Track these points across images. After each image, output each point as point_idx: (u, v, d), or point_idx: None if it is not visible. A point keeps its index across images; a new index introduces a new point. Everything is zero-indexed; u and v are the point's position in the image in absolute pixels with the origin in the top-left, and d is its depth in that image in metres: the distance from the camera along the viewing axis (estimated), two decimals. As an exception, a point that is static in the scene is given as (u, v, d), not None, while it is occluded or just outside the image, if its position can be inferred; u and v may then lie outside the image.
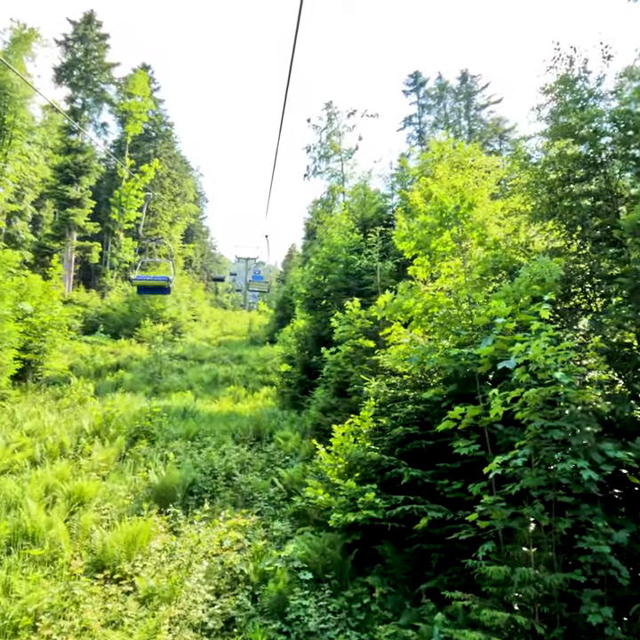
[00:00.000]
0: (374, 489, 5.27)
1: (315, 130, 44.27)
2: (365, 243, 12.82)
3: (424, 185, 12.24)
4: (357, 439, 6.11)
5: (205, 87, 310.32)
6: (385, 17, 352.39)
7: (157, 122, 44.52)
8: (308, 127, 43.81)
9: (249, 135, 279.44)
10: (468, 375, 5.25)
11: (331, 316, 12.61)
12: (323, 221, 41.04)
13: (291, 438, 8.92)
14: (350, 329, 8.24)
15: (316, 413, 8.97)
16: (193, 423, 9.44)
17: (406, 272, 12.11)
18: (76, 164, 31.60)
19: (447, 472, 5.17)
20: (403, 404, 5.71)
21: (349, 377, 8.76)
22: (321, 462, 6.57)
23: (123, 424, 8.33)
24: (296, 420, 10.73)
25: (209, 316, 43.09)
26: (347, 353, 8.30)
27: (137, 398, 14.46)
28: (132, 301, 29.50)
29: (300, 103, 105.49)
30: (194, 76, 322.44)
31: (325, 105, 44.62)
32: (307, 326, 13.63)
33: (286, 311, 29.86)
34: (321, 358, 12.07)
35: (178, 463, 7.18)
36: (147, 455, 7.33)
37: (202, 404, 14.15)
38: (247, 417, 12.22)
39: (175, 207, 48.36)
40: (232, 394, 16.48)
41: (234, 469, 7.36)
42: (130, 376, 17.50)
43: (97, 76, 34.04)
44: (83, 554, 4.65)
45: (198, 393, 16.62)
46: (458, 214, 5.68)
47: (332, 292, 12.43)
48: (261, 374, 19.46)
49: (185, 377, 18.74)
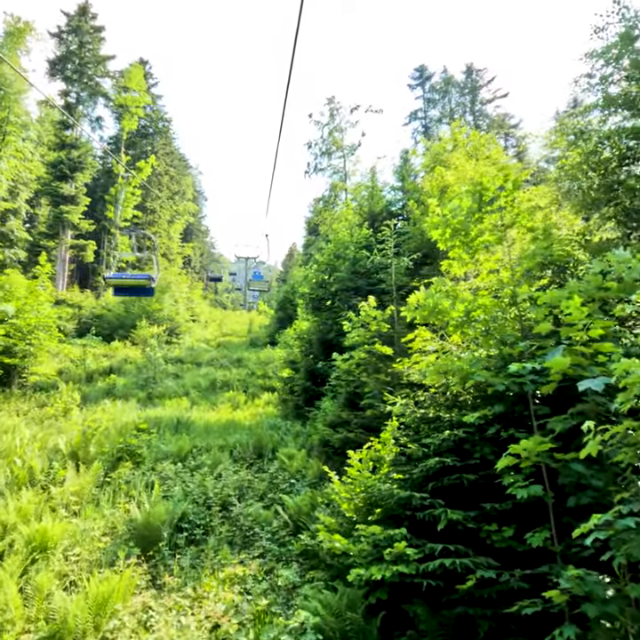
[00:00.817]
0: (403, 535, 4.27)
1: (316, 125, 43.15)
2: (375, 238, 11.82)
3: (439, 175, 11.24)
4: (378, 467, 5.10)
5: (205, 85, 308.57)
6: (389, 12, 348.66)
7: (155, 118, 43.47)
8: (310, 123, 42.75)
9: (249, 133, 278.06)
10: (517, 393, 4.25)
11: (338, 317, 11.61)
12: (325, 219, 40.06)
13: (295, 456, 7.91)
14: (364, 333, 7.23)
15: (324, 428, 7.96)
16: (186, 438, 8.44)
17: (420, 270, 11.14)
18: (71, 160, 30.58)
19: (495, 514, 4.17)
20: (436, 428, 4.70)
21: (361, 387, 7.76)
22: (333, 492, 5.57)
23: (106, 442, 7.32)
24: (301, 432, 9.72)
25: (208, 317, 42.10)
26: (360, 360, 7.29)
27: (129, 406, 13.47)
28: (128, 301, 28.50)
29: (302, 99, 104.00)
30: (194, 74, 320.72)
31: (327, 100, 43.49)
32: (311, 328, 12.62)
33: (287, 311, 28.86)
34: (327, 364, 11.07)
35: (166, 491, 6.18)
36: (130, 481, 6.32)
37: (198, 413, 13.14)
38: (247, 427, 11.21)
39: (174, 205, 47.36)
40: (231, 400, 15.48)
41: (231, 497, 6.35)
42: (123, 381, 16.50)
43: (92, 69, 33.01)
44: (39, 624, 3.65)
45: (195, 399, 15.62)
46: (502, 196, 4.67)
47: (338, 291, 11.42)
48: (262, 378, 18.45)
49: (181, 382, 17.73)
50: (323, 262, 11.55)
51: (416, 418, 4.87)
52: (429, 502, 4.33)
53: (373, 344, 7.16)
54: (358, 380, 7.57)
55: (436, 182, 10.71)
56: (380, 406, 7.08)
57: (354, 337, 7.28)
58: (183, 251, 50.93)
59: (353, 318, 7.60)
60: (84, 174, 31.19)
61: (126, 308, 27.66)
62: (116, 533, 5.12)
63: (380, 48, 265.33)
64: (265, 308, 47.48)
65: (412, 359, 6.06)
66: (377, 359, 7.37)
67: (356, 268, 11.49)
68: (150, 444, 7.80)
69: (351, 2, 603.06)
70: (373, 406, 7.18)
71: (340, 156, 43.71)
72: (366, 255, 11.21)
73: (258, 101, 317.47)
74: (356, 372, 7.43)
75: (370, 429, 7.50)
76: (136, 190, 36.19)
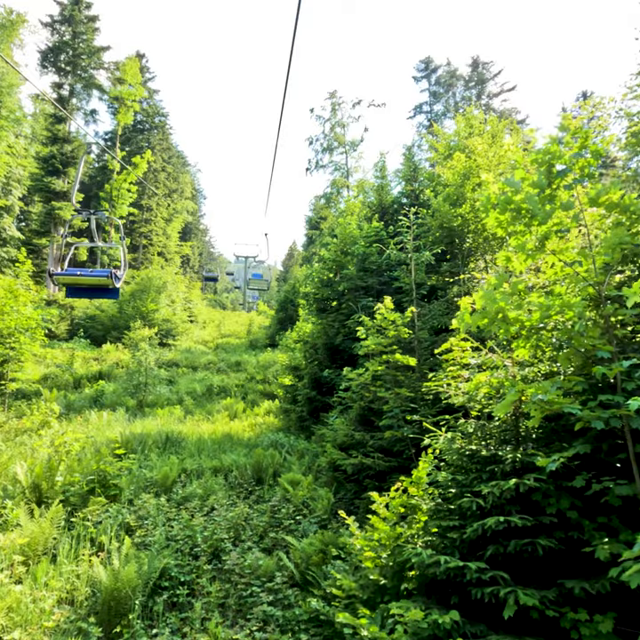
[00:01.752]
0: (454, 621, 3.13)
1: (318, 120, 42.02)
2: (387, 232, 10.68)
3: (457, 160, 10.09)
4: (411, 517, 3.95)
5: (205, 83, 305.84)
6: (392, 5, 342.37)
7: (151, 112, 42.30)
8: (311, 117, 41.61)
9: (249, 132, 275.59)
10: (605, 429, 3.11)
11: (346, 320, 10.46)
12: (327, 216, 38.90)
13: (301, 483, 6.75)
14: (381, 340, 6.08)
15: (334, 450, 6.82)
16: (174, 461, 7.29)
17: (439, 267, 9.97)
18: (63, 155, 29.43)
19: (583, 596, 3.03)
20: (492, 472, 3.55)
21: (376, 401, 6.62)
22: (351, 542, 4.43)
23: (78, 468, 6.18)
24: (306, 451, 8.57)
25: (206, 317, 40.97)
26: (377, 373, 6.14)
27: (116, 416, 12.33)
28: (122, 301, 27.34)
29: (303, 95, 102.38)
30: (192, 71, 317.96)
31: (329, 94, 42.37)
32: (315, 332, 11.47)
33: (288, 312, 27.75)
34: (335, 372, 9.94)
35: (144, 536, 5.03)
36: (102, 522, 5.18)
37: (191, 425, 11.99)
38: (245, 442, 10.06)
39: (172, 204, 46.23)
40: (228, 408, 14.33)
41: (225, 541, 5.20)
42: (112, 387, 15.35)
43: (85, 60, 31.85)
44: None
45: (189, 407, 14.48)
46: (579, 166, 3.53)
47: (346, 290, 10.27)
48: (262, 384, 17.31)
49: (175, 387, 16.59)
50: (329, 259, 10.39)
51: (464, 455, 3.72)
52: (490, 577, 3.19)
53: (392, 353, 6.01)
54: (374, 394, 6.43)
55: (456, 169, 9.56)
56: (404, 428, 5.95)
57: (370, 345, 6.12)
58: (181, 250, 49.79)
59: (367, 322, 6.44)
60: (76, 169, 30.01)
61: (120, 309, 26.50)
62: (76, 601, 3.98)
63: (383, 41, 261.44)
64: (265, 309, 46.34)
65: (446, 373, 4.92)
66: (397, 371, 6.23)
67: (365, 264, 10.34)
68: (131, 470, 6.63)
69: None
70: (394, 427, 6.04)
71: (342, 152, 42.54)
72: (378, 250, 10.06)
73: (258, 98, 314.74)
74: (371, 387, 6.28)
75: (390, 454, 6.37)
76: (132, 187, 35.05)
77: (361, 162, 41.91)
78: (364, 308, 9.81)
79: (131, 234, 38.50)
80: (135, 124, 40.66)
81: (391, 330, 6.07)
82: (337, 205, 37.55)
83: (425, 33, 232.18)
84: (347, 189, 39.76)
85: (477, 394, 3.90)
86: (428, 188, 11.30)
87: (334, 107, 42.53)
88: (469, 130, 13.62)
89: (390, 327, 6.05)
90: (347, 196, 31.97)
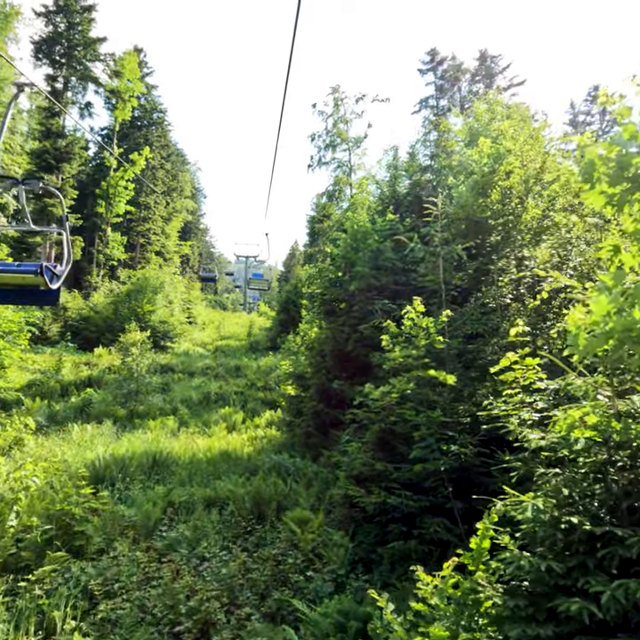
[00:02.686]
0: None
1: (320, 116, 40.79)
2: (403, 226, 9.55)
3: (483, 145, 8.95)
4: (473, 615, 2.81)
5: (205, 82, 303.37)
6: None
7: (149, 108, 41.19)
8: (314, 113, 40.38)
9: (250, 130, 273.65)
10: None
11: (358, 324, 9.34)
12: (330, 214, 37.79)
13: (310, 523, 5.62)
14: (412, 351, 4.94)
15: (348, 483, 5.68)
16: (160, 493, 6.16)
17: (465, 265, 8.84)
18: (57, 150, 28.30)
19: None
20: (603, 560, 2.41)
21: (400, 423, 5.48)
22: (383, 629, 3.30)
23: (39, 507, 5.05)
24: (314, 477, 7.42)
25: (206, 318, 39.90)
26: (406, 392, 4.99)
27: (102, 430, 11.20)
28: (118, 302, 26.23)
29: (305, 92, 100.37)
30: (193, 70, 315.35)
31: (332, 89, 41.13)
32: (322, 337, 10.33)
33: (290, 313, 26.62)
34: (346, 383, 8.80)
35: (110, 609, 3.88)
36: (57, 589, 4.04)
37: (184, 439, 10.86)
38: (244, 462, 8.93)
39: (171, 202, 45.12)
40: (226, 419, 13.20)
41: (216, 612, 4.06)
42: (102, 395, 14.21)
43: (81, 52, 30.74)
44: None
45: (184, 417, 13.34)
46: None
47: (358, 291, 9.12)
48: (262, 391, 16.18)
49: (170, 395, 15.44)
50: (338, 255, 9.25)
51: (557, 528, 2.57)
52: None
53: (426, 368, 4.87)
54: (401, 418, 5.28)
55: (488, 151, 8.42)
56: (440, 461, 4.80)
57: (398, 357, 4.98)
58: (180, 249, 48.68)
59: (393, 329, 5.29)
60: (70, 165, 28.91)
61: (115, 310, 25.37)
62: None
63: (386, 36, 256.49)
64: (266, 310, 45.23)
65: (505, 399, 3.78)
66: (430, 390, 5.08)
67: (379, 262, 9.19)
68: (104, 509, 5.46)
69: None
70: (428, 459, 4.89)
71: (345, 148, 41.33)
72: (393, 245, 8.93)
73: (259, 96, 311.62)
74: (397, 409, 5.14)
75: (419, 490, 5.20)
76: (129, 184, 33.95)
77: (365, 159, 40.76)
78: (380, 312, 8.67)
79: (128, 233, 37.35)
80: (133, 121, 39.52)
81: (422, 338, 4.92)
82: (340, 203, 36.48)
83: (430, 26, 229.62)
84: (350, 187, 38.68)
85: (569, 436, 2.76)
86: (446, 177, 10.16)
87: (337, 102, 41.34)
88: (491, 115, 12.50)
89: (421, 335, 4.91)
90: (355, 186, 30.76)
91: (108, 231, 33.15)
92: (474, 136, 11.30)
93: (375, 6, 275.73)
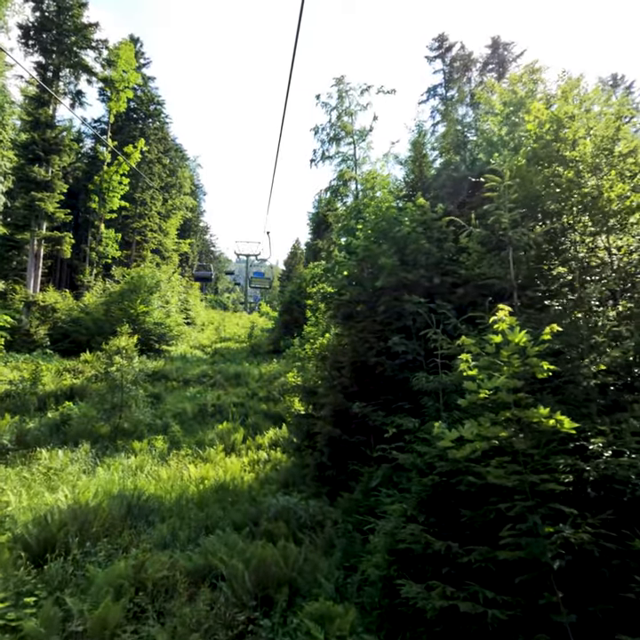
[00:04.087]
0: None
1: (324, 108, 38.97)
2: (435, 212, 7.86)
3: (537, 112, 7.26)
4: None
5: (207, 78, 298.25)
6: None
7: (146, 100, 39.48)
8: (317, 105, 38.65)
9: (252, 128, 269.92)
10: None
11: (381, 330, 7.66)
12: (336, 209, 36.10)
13: (338, 621, 3.93)
14: (506, 381, 3.23)
15: (389, 560, 4.00)
16: (125, 570, 4.48)
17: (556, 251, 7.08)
18: (45, 141, 26.61)
19: None
20: None
21: (463, 476, 3.80)
22: None
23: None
24: (335, 531, 5.70)
25: (205, 319, 38.24)
26: (492, 440, 3.28)
27: (78, 454, 9.54)
28: (110, 302, 24.56)
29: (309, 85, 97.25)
30: (195, 67, 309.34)
31: (336, 81, 39.33)
32: (337, 345, 8.64)
33: (294, 314, 24.93)
34: (370, 407, 7.09)
35: None
36: None
37: (173, 468, 9.19)
38: (245, 501, 7.23)
39: (170, 199, 43.43)
40: (224, 437, 11.52)
41: None
42: (83, 409, 12.52)
43: (72, 39, 29.03)
44: None
45: (176, 436, 11.65)
46: None
47: (383, 290, 7.41)
48: (265, 402, 14.49)
49: (161, 407, 13.76)
50: (358, 247, 7.54)
51: None
52: None
53: (525, 407, 3.16)
54: (472, 473, 3.58)
55: (546, 116, 6.71)
56: (546, 547, 3.10)
57: (485, 389, 3.27)
58: (180, 247, 47.01)
59: (470, 347, 3.57)
60: (60, 157, 27.22)
61: (106, 311, 23.69)
62: None
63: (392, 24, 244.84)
64: (267, 310, 43.56)
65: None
66: (532, 438, 3.38)
67: (407, 255, 7.49)
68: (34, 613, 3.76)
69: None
70: (530, 545, 3.19)
71: (350, 142, 39.57)
72: (427, 234, 7.24)
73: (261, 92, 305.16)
74: (474, 467, 3.43)
75: (507, 588, 3.50)
76: (124, 179, 32.25)
77: (370, 152, 39.02)
78: (400, 315, 6.98)
79: (123, 230, 35.65)
80: (128, 112, 37.84)
81: (515, 360, 3.22)
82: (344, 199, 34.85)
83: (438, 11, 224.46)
84: (355, 182, 36.98)
85: None
86: (495, 154, 8.49)
87: (341, 94, 39.58)
88: (532, 86, 10.86)
89: (514, 358, 3.20)
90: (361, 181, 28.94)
91: (101, 228, 31.46)
92: (516, 106, 9.62)
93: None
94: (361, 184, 35.74)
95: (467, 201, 8.71)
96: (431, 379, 4.80)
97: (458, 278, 7.24)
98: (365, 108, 40.32)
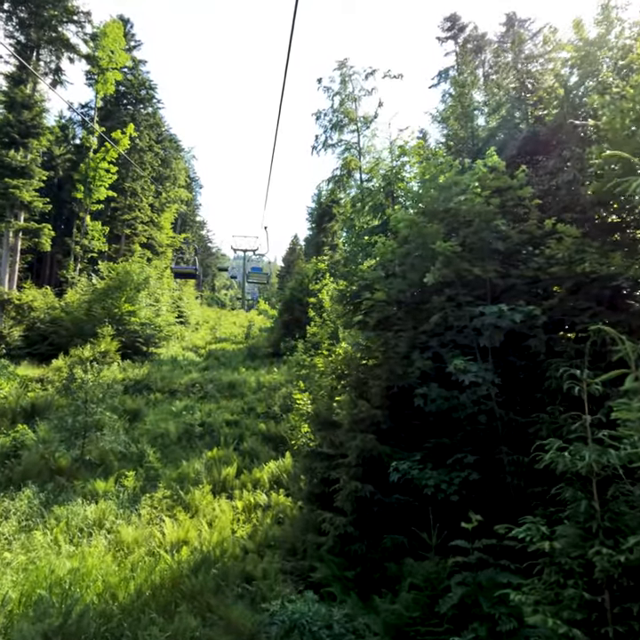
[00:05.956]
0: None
1: (326, 93, 36.48)
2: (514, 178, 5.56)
3: None
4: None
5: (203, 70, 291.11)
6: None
7: (136, 84, 36.94)
8: (319, 89, 36.12)
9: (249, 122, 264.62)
10: None
11: (426, 341, 5.39)
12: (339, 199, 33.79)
13: None
14: None
15: None
16: None
17: None
18: (22, 123, 24.16)
19: None
20: None
21: None
22: None
23: None
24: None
25: (200, 318, 35.86)
26: None
27: (17, 505, 7.25)
28: (93, 300, 22.16)
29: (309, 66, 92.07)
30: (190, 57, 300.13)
31: (338, 64, 36.79)
32: (362, 361, 6.33)
33: (295, 314, 22.60)
34: (415, 460, 4.82)
35: None
36: None
37: (143, 524, 6.90)
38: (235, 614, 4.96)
39: (164, 192, 40.94)
40: (212, 469, 9.22)
41: None
42: (41, 433, 10.21)
43: (50, 11, 26.50)
44: None
45: (154, 468, 9.35)
46: None
47: (438, 286, 5.10)
48: (264, 420, 12.17)
49: (138, 428, 11.44)
50: (400, 221, 5.21)
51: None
52: None
53: None
54: None
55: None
56: None
57: None
58: (174, 242, 44.59)
59: None
60: (39, 141, 24.78)
61: (88, 311, 21.31)
62: None
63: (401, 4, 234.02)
64: (266, 308, 41.19)
65: None
66: None
67: (472, 240, 5.19)
68: None
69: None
70: None
71: (354, 129, 37.09)
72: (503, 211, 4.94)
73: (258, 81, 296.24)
74: None
75: None
76: (112, 167, 29.81)
77: (375, 140, 36.57)
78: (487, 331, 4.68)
79: (112, 222, 33.24)
80: (118, 98, 35.36)
81: None
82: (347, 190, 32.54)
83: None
84: (359, 171, 34.61)
85: None
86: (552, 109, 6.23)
87: (344, 78, 37.11)
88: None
89: None
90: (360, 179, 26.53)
91: (86, 219, 29.06)
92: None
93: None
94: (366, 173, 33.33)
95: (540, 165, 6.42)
96: (580, 454, 2.50)
97: (543, 273, 4.96)
98: (370, 94, 37.57)
